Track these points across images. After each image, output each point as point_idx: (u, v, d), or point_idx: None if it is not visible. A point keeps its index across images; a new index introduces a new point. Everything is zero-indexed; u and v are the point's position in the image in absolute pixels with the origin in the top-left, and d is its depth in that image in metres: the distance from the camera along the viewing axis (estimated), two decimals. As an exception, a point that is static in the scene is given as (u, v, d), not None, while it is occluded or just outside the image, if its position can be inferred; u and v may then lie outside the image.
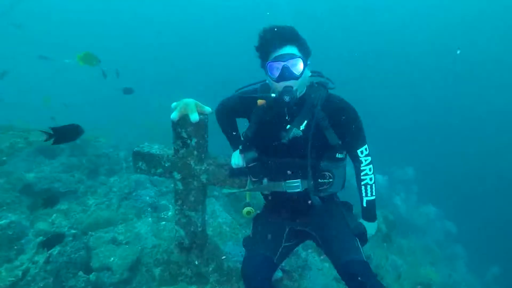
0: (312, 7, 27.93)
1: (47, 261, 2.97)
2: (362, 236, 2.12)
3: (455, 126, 21.11)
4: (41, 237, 3.63)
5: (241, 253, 3.18)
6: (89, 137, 6.35)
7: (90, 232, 3.55)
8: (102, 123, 9.24)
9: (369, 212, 2.18)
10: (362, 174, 2.12)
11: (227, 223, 3.76)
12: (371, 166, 2.11)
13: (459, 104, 23.84)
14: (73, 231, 3.56)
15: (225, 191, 2.67)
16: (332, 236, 2.09)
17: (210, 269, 2.92)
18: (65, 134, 2.39)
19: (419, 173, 11.33)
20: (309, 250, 4.05)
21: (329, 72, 2.15)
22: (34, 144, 5.46)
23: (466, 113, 23.22)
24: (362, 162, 2.10)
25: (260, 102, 2.02)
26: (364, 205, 2.16)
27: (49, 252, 3.04)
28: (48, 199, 3.71)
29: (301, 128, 1.93)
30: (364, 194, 2.14)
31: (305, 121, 1.94)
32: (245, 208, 2.44)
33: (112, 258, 3.07)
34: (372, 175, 2.11)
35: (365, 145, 2.09)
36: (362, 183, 2.13)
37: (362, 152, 2.09)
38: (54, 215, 4.16)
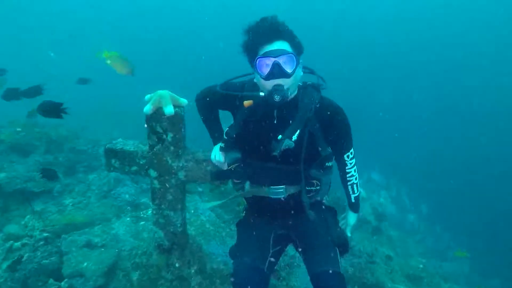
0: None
1: (14, 269, 2.74)
2: (344, 246, 2.04)
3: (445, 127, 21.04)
4: (11, 242, 3.41)
5: (225, 253, 3.03)
6: (66, 133, 6.09)
7: (64, 235, 3.32)
8: (82, 118, 8.91)
9: (356, 205, 2.26)
10: (348, 175, 2.13)
11: (211, 221, 3.58)
12: (355, 167, 2.13)
13: (453, 104, 23.84)
14: (45, 234, 3.34)
15: (207, 205, 2.55)
16: (311, 244, 2.00)
17: (192, 271, 2.75)
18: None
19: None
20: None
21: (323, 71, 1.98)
22: (6, 141, 5.19)
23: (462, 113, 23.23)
24: (347, 165, 2.09)
25: (246, 104, 1.81)
26: (353, 201, 2.22)
27: (17, 258, 2.82)
28: (46, 171, 3.48)
29: (293, 139, 1.76)
30: (351, 192, 2.19)
31: (298, 131, 1.77)
32: None
33: (85, 263, 2.86)
34: (357, 174, 2.15)
35: (351, 149, 2.07)
36: (349, 183, 2.16)
37: (348, 156, 2.07)
38: (28, 217, 3.93)
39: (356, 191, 2.18)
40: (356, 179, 2.14)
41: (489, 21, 25.77)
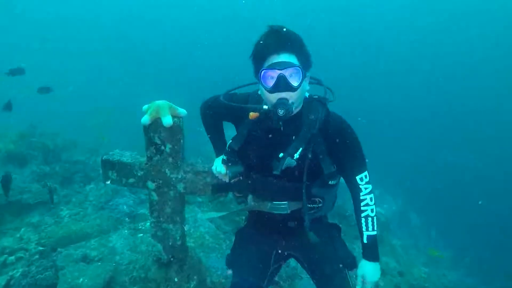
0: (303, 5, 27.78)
1: (7, 285, 2.66)
2: (351, 266, 1.94)
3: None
4: (5, 255, 3.32)
5: (225, 267, 2.95)
6: (63, 143, 6.02)
7: (59, 249, 3.23)
8: (79, 128, 8.85)
9: (372, 250, 1.84)
10: (362, 204, 1.79)
11: (210, 232, 3.50)
12: (372, 195, 1.80)
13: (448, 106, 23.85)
14: (40, 248, 3.25)
15: (207, 215, 2.47)
16: (320, 268, 1.92)
17: (191, 286, 2.67)
18: None
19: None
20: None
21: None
22: (2, 151, 5.12)
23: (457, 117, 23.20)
24: (361, 191, 1.79)
25: (252, 115, 1.73)
26: (365, 241, 1.81)
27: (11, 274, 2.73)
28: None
29: (295, 157, 1.69)
30: (364, 228, 1.80)
31: (300, 149, 1.70)
32: None
33: (81, 279, 2.77)
34: (374, 206, 1.80)
35: (365, 171, 1.80)
36: (363, 214, 1.80)
37: (361, 179, 1.79)
38: (23, 229, 3.85)
39: (371, 228, 1.79)
40: (372, 211, 1.79)
41: (489, 22, 25.93)
